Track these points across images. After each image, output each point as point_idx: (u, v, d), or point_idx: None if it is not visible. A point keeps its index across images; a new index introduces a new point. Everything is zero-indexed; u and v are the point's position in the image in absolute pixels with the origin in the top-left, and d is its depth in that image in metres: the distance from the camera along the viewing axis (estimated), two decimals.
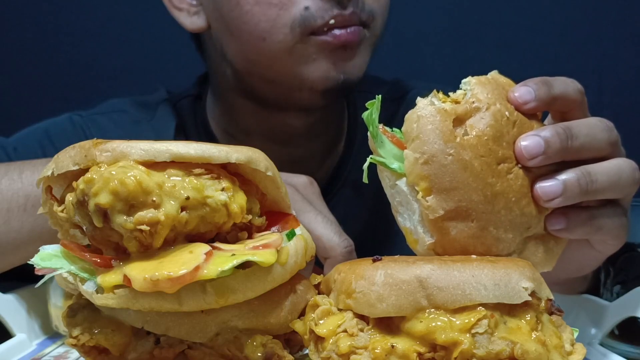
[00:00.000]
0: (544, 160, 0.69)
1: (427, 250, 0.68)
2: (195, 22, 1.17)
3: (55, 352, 0.81)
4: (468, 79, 0.72)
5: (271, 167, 0.65)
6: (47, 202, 0.63)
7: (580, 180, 0.69)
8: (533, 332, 0.56)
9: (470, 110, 0.69)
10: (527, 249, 0.71)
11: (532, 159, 0.68)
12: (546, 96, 0.72)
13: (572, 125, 0.71)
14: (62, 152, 0.61)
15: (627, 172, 0.72)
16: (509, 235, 0.68)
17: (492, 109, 0.70)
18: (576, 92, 0.75)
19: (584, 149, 0.71)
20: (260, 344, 0.61)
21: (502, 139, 0.69)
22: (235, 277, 0.58)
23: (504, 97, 0.72)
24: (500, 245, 0.68)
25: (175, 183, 0.58)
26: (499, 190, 0.68)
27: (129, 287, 0.56)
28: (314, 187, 0.89)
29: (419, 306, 0.55)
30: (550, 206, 0.69)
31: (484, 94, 0.70)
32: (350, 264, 0.63)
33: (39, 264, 0.61)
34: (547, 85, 0.73)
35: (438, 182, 0.66)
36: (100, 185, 0.55)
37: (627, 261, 0.87)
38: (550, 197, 0.68)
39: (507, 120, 0.70)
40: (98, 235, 0.58)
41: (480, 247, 0.67)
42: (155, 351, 0.61)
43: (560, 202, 0.69)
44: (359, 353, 0.56)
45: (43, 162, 0.86)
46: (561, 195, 0.68)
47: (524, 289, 0.56)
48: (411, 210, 0.68)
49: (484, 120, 0.69)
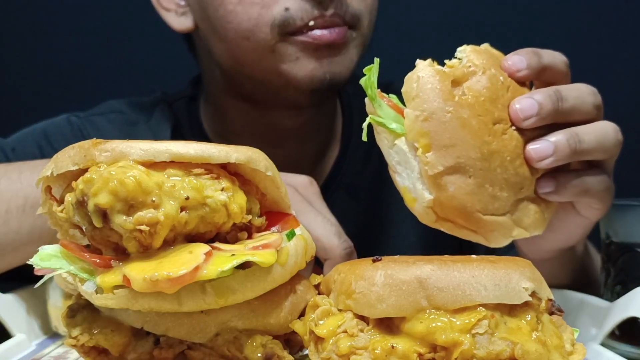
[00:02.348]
0: (537, 122, 0.72)
1: (425, 209, 0.70)
2: (183, 22, 1.17)
3: (55, 353, 0.81)
4: (463, 47, 0.76)
5: (271, 167, 0.65)
6: (47, 202, 0.63)
7: (570, 140, 0.73)
8: (533, 332, 0.56)
9: (467, 73, 0.73)
10: (520, 210, 0.73)
11: (527, 119, 0.72)
12: (536, 65, 0.77)
13: (562, 88, 0.75)
14: (62, 152, 0.61)
15: (611, 134, 0.77)
16: (503, 194, 0.71)
17: (488, 73, 0.73)
18: (562, 64, 0.80)
19: (574, 111, 0.75)
20: (260, 345, 0.61)
21: (497, 101, 0.72)
22: (235, 278, 0.58)
23: (497, 64, 0.76)
24: (496, 203, 0.71)
25: (175, 183, 0.57)
26: (495, 148, 0.71)
27: (128, 287, 0.56)
28: (314, 187, 0.89)
29: (419, 307, 0.55)
30: (541, 166, 0.73)
31: (479, 60, 0.74)
32: (350, 265, 0.63)
33: (39, 264, 0.61)
34: (537, 55, 0.78)
35: (437, 139, 0.68)
36: (100, 186, 0.55)
37: (627, 261, 0.87)
38: (541, 157, 0.72)
39: (501, 84, 0.74)
40: (97, 236, 0.58)
41: (478, 204, 0.70)
42: (155, 351, 0.61)
43: (551, 162, 0.72)
44: (359, 354, 0.55)
45: (42, 163, 0.86)
46: (552, 155, 0.72)
47: (524, 289, 0.56)
48: (410, 168, 0.70)
49: (480, 82, 0.72)
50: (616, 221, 0.89)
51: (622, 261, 0.88)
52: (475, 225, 0.72)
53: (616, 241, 0.89)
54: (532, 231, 0.75)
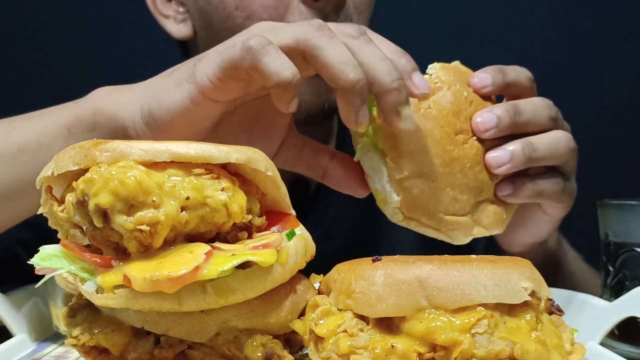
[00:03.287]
0: (496, 133, 0.81)
1: (393, 209, 0.79)
2: (182, 30, 1.17)
3: (55, 352, 0.81)
4: (433, 65, 0.84)
5: (271, 167, 0.65)
6: (47, 202, 0.63)
7: (524, 149, 0.81)
8: (533, 332, 0.56)
9: (434, 89, 0.81)
10: (479, 211, 0.82)
11: (487, 131, 0.80)
12: (501, 82, 0.84)
13: (519, 103, 0.83)
14: (62, 152, 0.61)
15: (563, 142, 0.84)
16: (463, 197, 0.80)
17: (453, 88, 0.82)
18: (527, 80, 0.87)
19: (529, 123, 0.83)
20: (260, 344, 0.61)
21: (460, 114, 0.81)
22: (235, 277, 0.58)
23: (464, 81, 0.84)
24: (456, 205, 0.80)
25: (175, 183, 0.58)
26: (456, 156, 0.80)
27: (129, 287, 0.56)
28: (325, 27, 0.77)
29: (419, 306, 0.55)
30: (499, 172, 0.81)
31: (446, 77, 0.83)
32: (350, 264, 0.63)
33: (39, 264, 0.61)
34: (502, 72, 0.85)
35: (403, 147, 0.77)
36: (100, 186, 0.55)
37: (627, 261, 0.87)
38: (499, 164, 0.80)
39: (465, 99, 0.82)
40: (98, 235, 0.58)
41: (440, 206, 0.79)
42: (155, 351, 0.61)
43: (507, 168, 0.81)
44: (358, 353, 0.56)
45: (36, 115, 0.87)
46: (509, 162, 0.80)
47: (524, 288, 0.56)
48: (380, 173, 0.79)
49: (445, 97, 0.81)
50: (616, 221, 0.89)
51: (621, 261, 0.88)
52: (438, 224, 0.80)
53: (616, 241, 0.89)
54: (492, 230, 0.84)
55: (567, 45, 1.91)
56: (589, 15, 1.91)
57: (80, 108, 0.83)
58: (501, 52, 1.88)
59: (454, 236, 0.82)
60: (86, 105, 0.83)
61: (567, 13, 1.91)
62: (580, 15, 1.91)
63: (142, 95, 0.80)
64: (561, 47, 1.91)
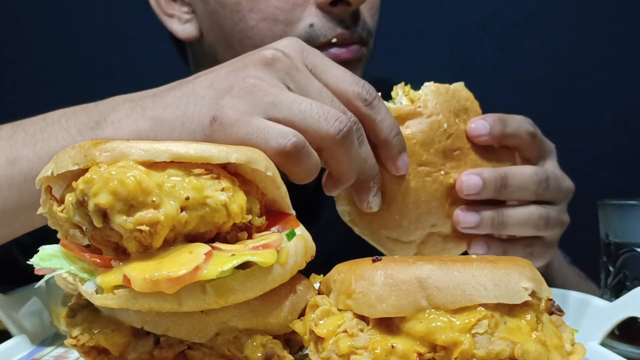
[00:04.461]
0: (475, 197, 0.83)
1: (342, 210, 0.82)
2: (187, 30, 1.16)
3: (55, 352, 0.81)
4: (429, 84, 0.83)
5: (271, 167, 0.65)
6: (47, 202, 0.63)
7: (494, 219, 0.84)
8: (533, 332, 0.56)
9: (414, 113, 0.81)
10: (428, 242, 0.84)
11: (468, 194, 0.83)
12: (499, 133, 0.86)
13: (509, 174, 0.85)
14: (62, 152, 0.61)
15: (534, 219, 0.87)
16: (411, 226, 0.82)
17: (433, 118, 0.81)
18: (527, 134, 0.88)
19: (512, 196, 0.86)
20: (260, 344, 0.61)
21: (430, 146, 0.81)
22: (235, 278, 0.58)
23: (452, 109, 0.83)
24: (402, 231, 0.82)
25: (175, 183, 0.57)
26: (413, 187, 0.81)
27: (128, 287, 0.56)
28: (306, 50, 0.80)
29: (419, 306, 0.55)
30: (462, 231, 0.84)
31: (432, 103, 0.82)
32: (350, 264, 0.63)
33: (39, 264, 0.61)
34: (502, 123, 0.86)
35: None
36: (100, 186, 0.55)
37: (627, 261, 0.87)
38: (466, 225, 0.84)
39: (442, 132, 0.82)
40: (98, 236, 0.58)
41: (383, 229, 0.81)
42: (155, 351, 0.61)
43: (472, 231, 0.84)
44: (359, 353, 0.56)
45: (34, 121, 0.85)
46: (475, 227, 0.84)
47: (524, 289, 0.56)
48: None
49: (420, 125, 0.81)
50: (616, 221, 0.89)
51: (621, 261, 0.88)
52: (378, 241, 0.83)
53: (616, 241, 0.89)
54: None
55: (567, 45, 1.91)
56: (589, 15, 1.91)
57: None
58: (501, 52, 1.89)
59: (388, 252, 0.85)
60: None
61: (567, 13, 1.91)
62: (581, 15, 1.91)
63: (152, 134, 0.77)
64: (561, 47, 1.91)
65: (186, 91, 0.78)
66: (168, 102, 0.78)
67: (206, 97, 0.75)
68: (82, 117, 0.82)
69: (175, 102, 0.78)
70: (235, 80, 0.74)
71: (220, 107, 0.73)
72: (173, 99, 0.78)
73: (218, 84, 0.76)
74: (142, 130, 0.77)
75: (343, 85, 0.77)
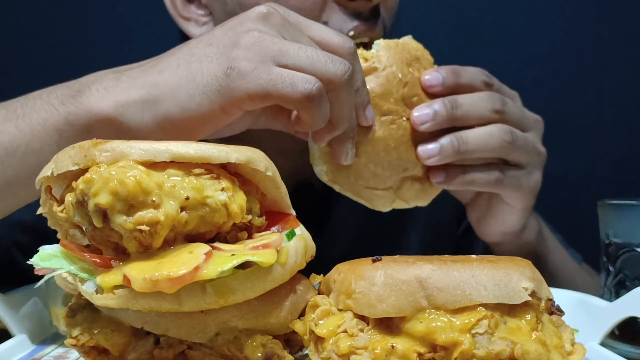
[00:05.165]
0: (433, 126, 0.86)
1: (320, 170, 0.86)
2: (204, 32, 1.16)
3: (55, 352, 0.81)
4: (379, 41, 0.89)
5: (271, 167, 0.65)
6: (47, 202, 0.63)
7: (454, 143, 0.87)
8: (533, 332, 0.56)
9: (369, 69, 0.87)
10: (404, 187, 0.89)
11: (423, 124, 0.86)
12: (452, 84, 0.89)
13: (459, 97, 0.88)
14: (62, 152, 0.61)
15: (495, 136, 0.88)
16: (385, 173, 0.87)
17: (387, 70, 0.87)
18: (482, 84, 0.91)
19: (467, 116, 0.88)
20: (260, 344, 0.61)
21: (390, 96, 0.86)
22: (235, 277, 0.58)
23: (404, 60, 0.88)
24: (377, 179, 0.87)
25: (175, 183, 0.57)
26: (381, 136, 0.86)
27: (128, 287, 0.56)
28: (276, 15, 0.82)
29: (419, 306, 0.55)
30: (429, 163, 0.88)
31: (385, 57, 0.87)
32: (350, 264, 0.63)
33: (39, 264, 0.61)
34: (455, 75, 0.89)
35: None
36: (100, 186, 0.55)
37: (627, 261, 0.87)
38: (429, 156, 0.87)
39: (398, 81, 0.87)
40: (98, 236, 0.58)
41: (360, 180, 0.86)
42: (155, 351, 0.61)
43: (437, 160, 0.87)
44: (359, 353, 0.56)
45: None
46: (437, 155, 0.87)
47: (524, 289, 0.56)
48: (313, 150, 0.86)
49: (377, 79, 0.86)
50: (616, 221, 0.89)
51: (621, 261, 0.88)
52: (357, 194, 0.87)
53: (616, 241, 0.89)
54: (413, 203, 0.91)
55: (567, 45, 1.91)
56: (589, 15, 1.91)
57: (72, 111, 0.78)
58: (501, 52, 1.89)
59: (372, 204, 0.89)
60: (78, 108, 0.78)
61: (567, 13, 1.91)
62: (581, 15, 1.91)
63: (150, 98, 0.77)
64: (561, 47, 1.91)
65: (182, 54, 0.80)
66: (162, 67, 0.79)
67: (211, 54, 0.77)
68: (63, 90, 0.82)
69: (171, 65, 0.79)
70: (237, 36, 0.77)
71: (233, 59, 0.75)
72: (167, 64, 0.79)
73: (219, 42, 0.78)
74: (134, 99, 0.77)
75: (327, 37, 0.81)
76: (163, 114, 0.77)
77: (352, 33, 1.02)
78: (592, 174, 1.87)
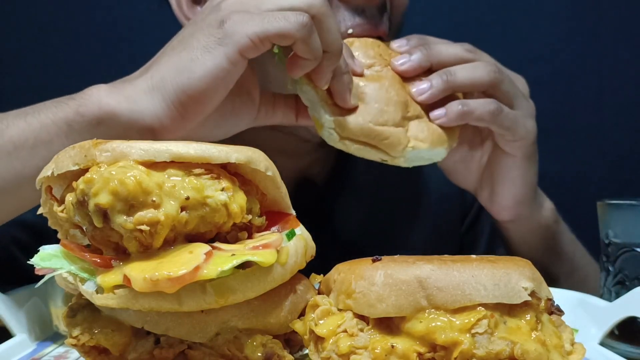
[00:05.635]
0: (433, 95, 0.91)
1: (329, 130, 0.87)
2: None
3: (55, 352, 0.81)
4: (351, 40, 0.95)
5: (271, 167, 0.65)
6: (47, 202, 0.63)
7: (442, 75, 0.91)
8: (533, 332, 0.56)
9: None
10: (412, 127, 0.90)
11: (421, 97, 0.90)
12: (425, 62, 0.93)
13: (450, 68, 0.92)
14: (62, 152, 0.61)
15: (481, 67, 0.93)
16: (390, 108, 0.88)
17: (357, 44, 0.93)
18: (456, 58, 0.94)
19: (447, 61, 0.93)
20: (260, 344, 0.61)
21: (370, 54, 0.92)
22: (235, 277, 0.58)
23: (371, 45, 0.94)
24: (385, 115, 0.88)
25: (175, 183, 0.58)
26: (375, 79, 0.90)
27: (129, 287, 0.56)
28: None
29: (419, 306, 0.55)
30: (422, 100, 0.91)
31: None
32: (350, 264, 0.63)
33: (39, 264, 0.61)
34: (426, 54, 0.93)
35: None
36: (100, 186, 0.55)
37: (627, 261, 0.87)
38: (421, 93, 0.91)
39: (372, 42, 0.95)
40: (98, 235, 0.58)
41: (368, 117, 0.87)
42: (155, 351, 0.61)
43: (429, 94, 0.90)
44: (359, 353, 0.56)
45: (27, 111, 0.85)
46: (429, 89, 0.91)
47: (524, 289, 0.56)
48: (314, 99, 0.87)
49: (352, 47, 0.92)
50: (616, 221, 0.89)
51: (621, 261, 0.88)
52: (370, 136, 0.87)
53: (616, 241, 0.89)
54: (431, 145, 0.90)
55: (568, 44, 1.91)
56: (589, 15, 1.91)
57: (82, 104, 0.80)
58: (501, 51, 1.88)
59: (389, 148, 0.88)
60: (88, 101, 0.80)
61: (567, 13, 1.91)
62: (581, 15, 1.91)
63: (156, 81, 0.79)
64: (561, 47, 1.91)
65: (173, 42, 0.84)
66: (159, 59, 0.82)
67: (199, 26, 0.80)
68: (69, 96, 0.84)
69: (165, 53, 0.83)
70: (218, 3, 0.81)
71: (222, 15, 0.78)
72: (162, 54, 0.83)
73: (202, 17, 0.82)
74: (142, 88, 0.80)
75: None
76: (173, 90, 0.78)
77: (351, 31, 1.02)
78: (592, 174, 1.87)
